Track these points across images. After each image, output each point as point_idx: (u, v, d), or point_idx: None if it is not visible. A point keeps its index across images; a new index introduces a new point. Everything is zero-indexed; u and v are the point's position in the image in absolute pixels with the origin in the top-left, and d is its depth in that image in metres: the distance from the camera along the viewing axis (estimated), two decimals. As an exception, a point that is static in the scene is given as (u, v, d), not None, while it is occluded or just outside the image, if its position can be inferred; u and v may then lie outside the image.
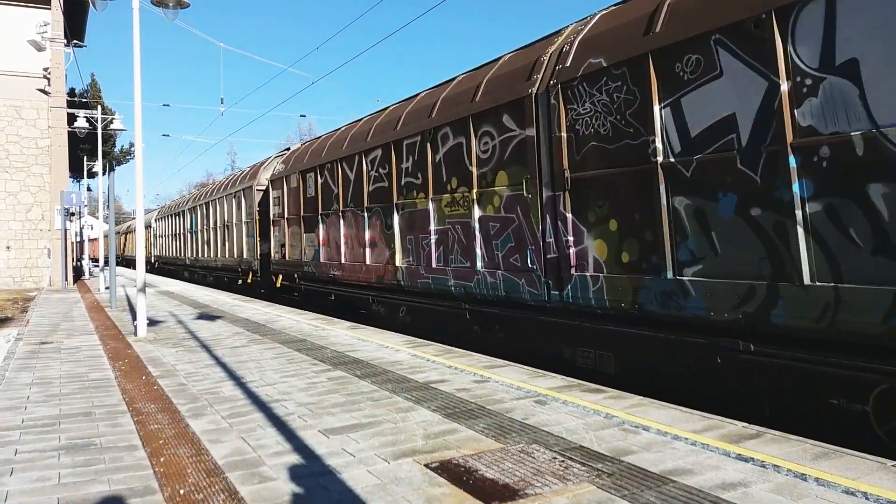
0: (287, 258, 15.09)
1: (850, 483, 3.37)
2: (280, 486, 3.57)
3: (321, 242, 13.02)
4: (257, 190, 17.81)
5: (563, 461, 3.85)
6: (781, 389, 5.08)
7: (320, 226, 13.07)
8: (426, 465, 3.83)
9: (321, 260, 13.02)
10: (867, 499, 3.18)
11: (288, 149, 17.10)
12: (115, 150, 43.36)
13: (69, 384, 6.48)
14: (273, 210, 16.09)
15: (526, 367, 6.69)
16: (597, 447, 4.10)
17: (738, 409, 5.23)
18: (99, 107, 25.75)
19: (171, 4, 9.98)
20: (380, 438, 4.39)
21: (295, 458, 4.03)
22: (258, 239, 17.35)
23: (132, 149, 42.59)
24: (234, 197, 20.15)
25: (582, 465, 3.76)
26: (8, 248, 23.08)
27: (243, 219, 18.93)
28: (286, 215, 15.07)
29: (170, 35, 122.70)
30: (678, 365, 5.83)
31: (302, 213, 14.02)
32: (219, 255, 22.14)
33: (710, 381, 5.58)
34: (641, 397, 5.30)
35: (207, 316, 12.50)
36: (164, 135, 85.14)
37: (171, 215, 32.41)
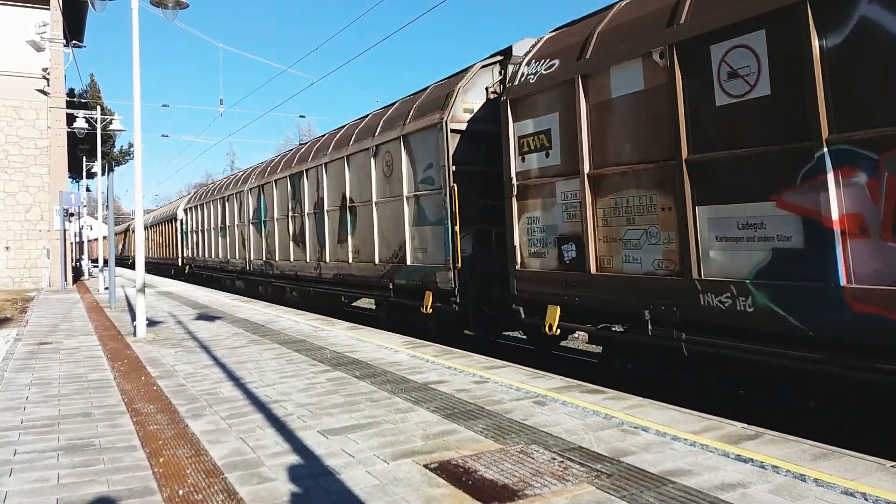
0: (596, 267, 6.63)
1: (849, 484, 3.37)
2: (279, 487, 3.57)
3: None
4: (452, 131, 9.35)
5: (562, 462, 3.85)
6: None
7: None
8: (425, 466, 3.83)
9: None
10: (866, 500, 3.19)
11: (543, 36, 8.19)
12: (115, 150, 43.39)
13: (68, 385, 6.47)
14: (521, 161, 7.71)
15: (525, 367, 6.69)
16: (596, 448, 4.10)
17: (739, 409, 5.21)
18: (98, 107, 25.77)
19: (170, 5, 9.97)
20: (379, 439, 4.38)
21: (294, 459, 4.03)
22: (454, 224, 9.00)
23: (131, 149, 42.60)
24: (376, 154, 11.35)
25: (581, 466, 3.76)
26: (7, 248, 23.07)
27: (407, 190, 10.31)
28: (588, 168, 6.69)
29: (169, 35, 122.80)
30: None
31: (710, 154, 5.49)
32: (327, 258, 13.46)
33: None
34: (640, 398, 5.30)
35: (207, 316, 12.49)
36: (163, 135, 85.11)
37: (216, 201, 23.04)
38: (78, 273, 31.04)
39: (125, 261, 47.09)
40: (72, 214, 26.66)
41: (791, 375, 5.19)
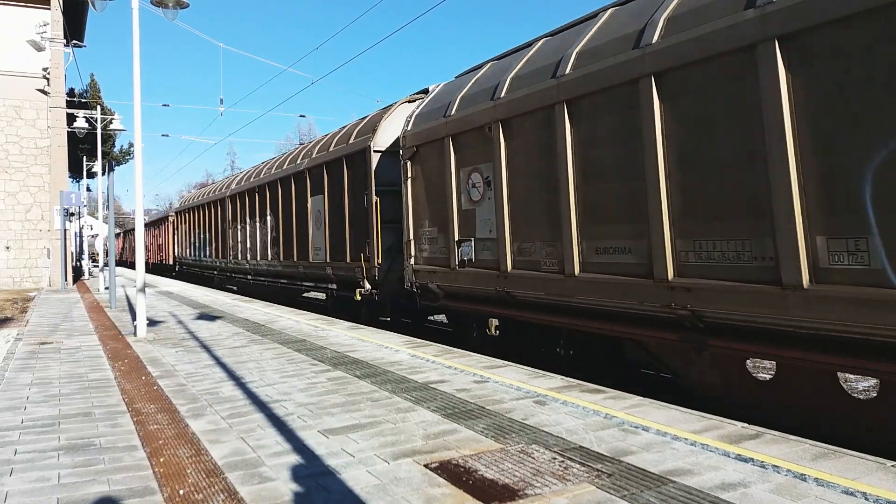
0: None
1: (849, 483, 3.37)
2: (280, 487, 3.57)
3: None
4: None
5: (562, 461, 3.85)
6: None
7: None
8: (426, 466, 3.83)
9: None
10: (867, 499, 3.19)
11: None
12: (115, 150, 43.33)
13: (69, 384, 6.47)
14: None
15: (526, 367, 6.69)
16: (596, 447, 4.10)
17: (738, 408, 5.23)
18: (98, 107, 25.76)
19: (170, 4, 9.97)
20: (379, 439, 4.38)
21: (295, 459, 4.03)
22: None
23: (131, 149, 42.58)
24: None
25: (582, 466, 3.76)
26: (7, 248, 23.07)
27: None
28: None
29: (169, 35, 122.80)
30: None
31: None
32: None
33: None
34: (641, 398, 5.30)
35: (207, 316, 12.49)
36: (163, 135, 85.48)
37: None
38: (78, 273, 31.04)
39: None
40: (72, 214, 26.65)
41: None
